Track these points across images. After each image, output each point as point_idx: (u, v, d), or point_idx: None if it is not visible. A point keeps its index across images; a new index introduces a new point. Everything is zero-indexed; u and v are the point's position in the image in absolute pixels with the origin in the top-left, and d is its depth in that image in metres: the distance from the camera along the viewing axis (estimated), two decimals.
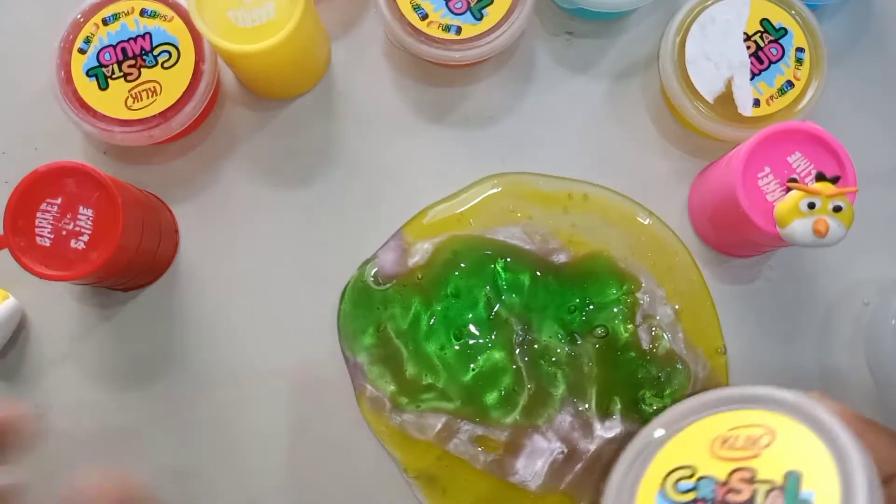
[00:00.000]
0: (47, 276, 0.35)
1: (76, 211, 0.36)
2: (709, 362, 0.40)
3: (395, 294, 0.40)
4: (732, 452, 0.24)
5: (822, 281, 0.42)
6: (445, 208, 0.42)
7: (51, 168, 0.36)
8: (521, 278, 0.40)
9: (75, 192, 0.36)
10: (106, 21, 0.40)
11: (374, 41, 0.44)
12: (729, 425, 0.25)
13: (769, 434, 0.24)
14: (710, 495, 0.23)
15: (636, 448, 0.26)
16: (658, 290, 0.41)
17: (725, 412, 0.25)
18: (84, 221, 0.36)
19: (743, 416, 0.25)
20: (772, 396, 0.24)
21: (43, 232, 0.36)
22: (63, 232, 0.36)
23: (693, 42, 0.40)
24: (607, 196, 0.42)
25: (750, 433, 0.24)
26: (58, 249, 0.36)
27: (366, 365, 0.40)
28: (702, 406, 0.26)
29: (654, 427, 0.26)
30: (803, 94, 0.40)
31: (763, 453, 0.23)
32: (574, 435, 0.39)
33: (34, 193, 0.36)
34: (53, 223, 0.36)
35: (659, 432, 0.26)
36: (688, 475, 0.24)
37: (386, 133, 0.43)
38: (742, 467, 0.23)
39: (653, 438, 0.26)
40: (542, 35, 0.44)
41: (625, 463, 0.26)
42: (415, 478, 0.40)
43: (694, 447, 0.25)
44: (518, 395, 0.39)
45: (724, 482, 0.23)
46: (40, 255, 0.36)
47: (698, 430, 0.25)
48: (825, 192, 0.34)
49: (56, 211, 0.36)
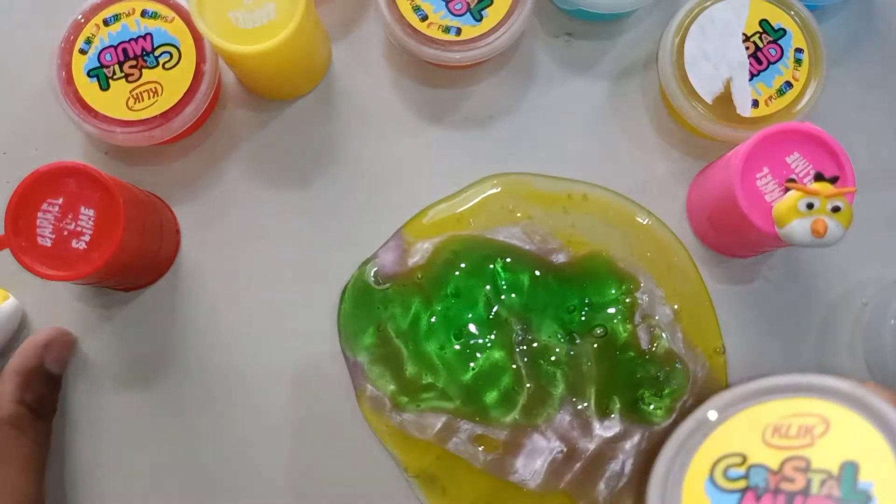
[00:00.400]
0: (48, 276, 0.35)
1: (77, 211, 0.36)
2: (708, 362, 0.40)
3: (395, 294, 0.41)
4: (785, 441, 0.24)
5: (822, 281, 0.42)
6: (445, 208, 0.42)
7: (52, 168, 0.36)
8: (520, 278, 0.41)
9: (76, 193, 0.36)
10: (107, 22, 0.40)
11: (374, 42, 0.44)
12: (780, 414, 0.24)
13: (823, 423, 0.23)
14: (763, 483, 0.23)
15: (682, 434, 0.25)
16: (657, 289, 0.41)
17: (777, 400, 0.24)
18: (85, 221, 0.36)
19: (795, 404, 0.24)
20: (826, 386, 0.24)
21: (44, 232, 0.36)
22: (64, 232, 0.36)
23: (692, 43, 0.40)
24: (607, 196, 0.42)
25: (803, 422, 0.24)
26: (59, 249, 0.36)
27: (366, 364, 0.40)
28: (752, 393, 0.25)
29: (706, 410, 0.25)
30: (802, 95, 0.40)
31: (817, 443, 0.23)
32: (573, 434, 0.39)
33: (35, 193, 0.36)
34: (55, 223, 0.36)
35: (712, 414, 0.25)
36: (738, 463, 0.24)
37: (386, 133, 0.43)
38: (795, 456, 0.23)
39: (705, 421, 0.25)
40: (541, 36, 0.45)
41: (671, 449, 0.25)
42: (414, 477, 0.40)
43: (744, 435, 0.24)
44: (517, 394, 0.40)
45: (777, 471, 0.23)
46: (41, 255, 0.36)
47: (748, 418, 0.25)
48: (824, 193, 0.34)
49: (57, 211, 0.36)
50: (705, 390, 0.40)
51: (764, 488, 0.23)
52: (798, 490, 0.23)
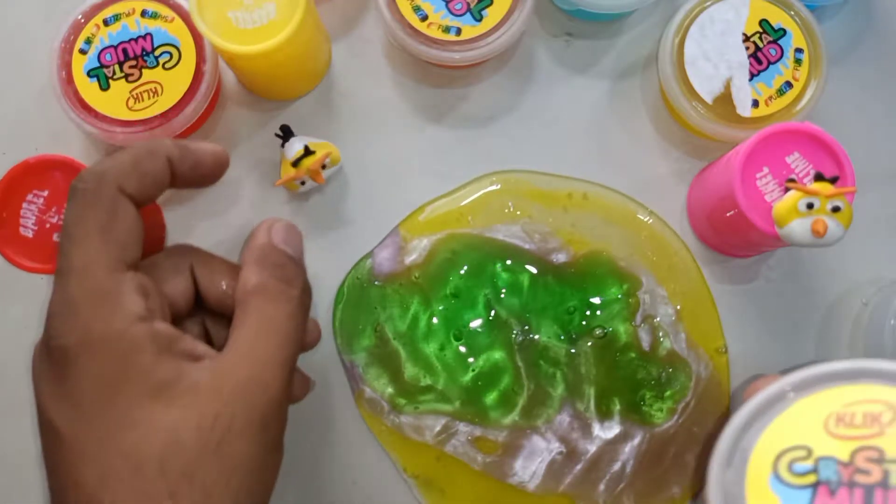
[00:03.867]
0: (27, 268, 0.36)
1: (61, 205, 0.36)
2: (711, 362, 0.40)
3: (393, 294, 0.41)
4: (852, 430, 0.22)
5: (822, 281, 0.42)
6: (443, 204, 0.42)
7: (40, 160, 0.36)
8: (520, 278, 0.41)
9: (62, 186, 0.36)
10: (107, 22, 0.40)
11: (374, 42, 0.44)
12: (842, 402, 0.23)
13: (891, 410, 0.22)
14: (835, 477, 0.22)
15: (733, 433, 0.23)
16: (659, 289, 0.41)
17: (836, 388, 0.23)
18: None
19: (857, 391, 0.23)
20: (889, 370, 0.23)
21: (27, 223, 0.36)
22: (47, 224, 0.36)
23: (692, 43, 0.40)
24: (607, 195, 0.42)
25: (868, 409, 0.22)
26: (40, 242, 0.36)
27: (363, 366, 0.40)
28: (808, 381, 0.23)
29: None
30: (802, 95, 0.40)
31: (887, 431, 0.22)
32: (573, 436, 0.39)
33: (22, 184, 0.36)
34: (38, 215, 0.36)
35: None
36: (803, 456, 0.22)
37: (386, 133, 0.43)
38: (866, 446, 0.22)
39: (758, 416, 0.23)
40: (541, 36, 0.45)
41: (723, 450, 0.23)
42: (413, 478, 0.40)
43: (805, 426, 0.23)
44: (517, 395, 0.40)
45: (848, 462, 0.22)
46: (22, 245, 0.36)
47: (806, 408, 0.23)
48: (824, 193, 0.34)
49: (42, 203, 0.36)
50: (708, 391, 0.40)
51: (837, 482, 0.21)
52: (876, 482, 0.21)
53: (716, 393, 0.40)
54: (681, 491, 0.39)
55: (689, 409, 0.40)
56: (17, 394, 0.40)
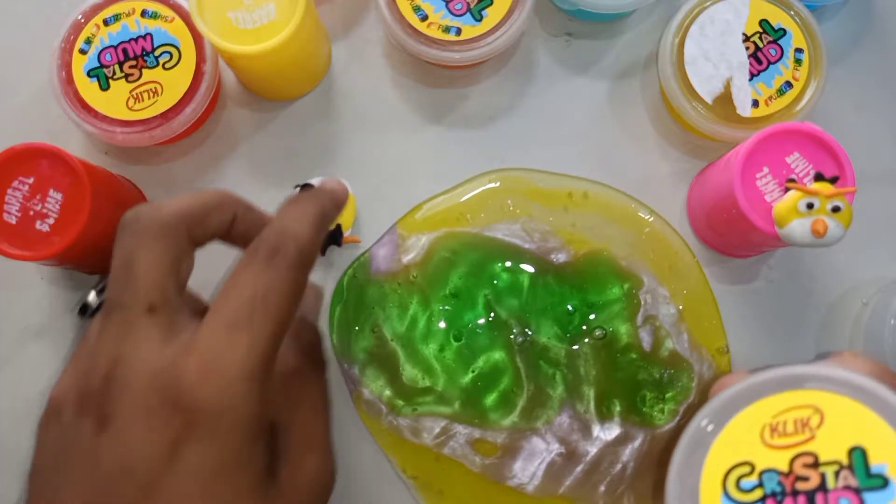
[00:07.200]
0: (9, 255, 0.36)
1: (46, 193, 0.36)
2: (714, 362, 0.40)
3: (391, 294, 0.40)
4: (785, 439, 0.23)
5: (822, 281, 0.42)
6: (441, 202, 0.42)
7: (26, 147, 0.36)
8: (520, 278, 0.40)
9: (48, 175, 0.36)
10: (107, 22, 0.40)
11: (374, 42, 0.44)
12: (772, 412, 0.23)
13: (817, 413, 0.23)
14: (779, 488, 0.22)
15: (683, 455, 0.24)
16: (660, 288, 0.41)
17: (764, 399, 0.24)
18: (52, 205, 0.36)
19: (782, 399, 0.23)
20: (807, 374, 0.23)
21: (11, 209, 0.36)
22: (30, 212, 0.36)
23: (692, 43, 0.40)
24: (608, 194, 0.42)
25: (797, 416, 0.23)
26: (22, 228, 0.36)
27: (360, 368, 0.40)
28: (737, 397, 0.24)
29: (699, 423, 0.24)
30: (802, 95, 0.40)
31: (818, 434, 0.23)
32: (573, 437, 0.39)
33: (8, 170, 0.36)
34: (23, 202, 0.36)
35: (708, 426, 0.24)
36: (747, 472, 0.23)
37: (386, 133, 0.43)
38: (801, 452, 0.22)
39: (703, 436, 0.24)
40: (541, 36, 0.45)
41: (676, 473, 0.24)
42: (412, 478, 0.40)
43: (742, 441, 0.23)
44: (517, 396, 0.39)
45: (788, 472, 0.22)
46: (4, 231, 0.36)
47: (741, 423, 0.24)
48: (824, 193, 0.34)
49: (27, 190, 0.36)
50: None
51: (782, 493, 0.22)
52: (815, 487, 0.22)
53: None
54: None
55: (693, 411, 0.39)
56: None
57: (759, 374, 0.24)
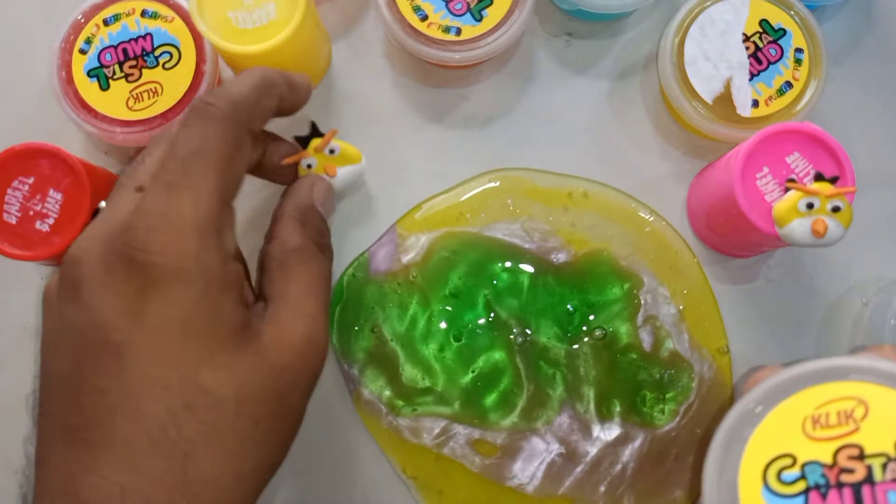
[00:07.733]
0: (8, 255, 0.36)
1: (46, 193, 0.36)
2: (714, 363, 0.40)
3: (391, 294, 0.40)
4: (828, 431, 0.22)
5: (822, 281, 0.42)
6: (440, 201, 0.42)
7: (27, 147, 0.36)
8: (520, 278, 0.40)
9: (48, 175, 0.36)
10: (107, 22, 0.40)
11: (374, 42, 0.44)
12: (813, 404, 0.23)
13: (861, 405, 0.22)
14: (823, 480, 0.22)
15: (719, 449, 0.24)
16: (661, 288, 0.41)
17: (805, 390, 0.23)
18: (52, 205, 0.36)
19: (824, 391, 0.23)
20: (852, 365, 0.23)
21: (11, 209, 0.36)
22: (30, 212, 0.36)
23: (692, 43, 0.40)
24: (608, 194, 0.42)
25: (840, 407, 0.23)
26: (22, 228, 0.36)
27: (359, 368, 0.40)
28: (777, 390, 0.24)
29: (746, 406, 0.24)
30: (802, 95, 0.40)
31: (862, 426, 0.22)
32: (573, 437, 0.39)
33: (8, 170, 0.36)
34: (23, 202, 0.36)
35: (756, 408, 0.23)
36: (789, 464, 0.23)
37: (386, 133, 0.43)
38: (845, 444, 0.22)
39: (740, 430, 0.23)
40: (541, 36, 0.45)
41: (713, 468, 0.24)
42: (412, 478, 0.40)
43: (783, 433, 0.23)
44: (517, 396, 0.39)
45: (832, 464, 0.22)
46: (4, 231, 0.36)
47: (781, 416, 0.23)
48: (824, 193, 0.34)
49: (27, 190, 0.36)
50: (712, 392, 0.40)
51: (826, 485, 0.22)
52: (862, 480, 0.22)
53: (720, 394, 0.40)
54: (682, 494, 0.39)
55: (693, 411, 0.39)
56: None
57: (799, 366, 0.24)
